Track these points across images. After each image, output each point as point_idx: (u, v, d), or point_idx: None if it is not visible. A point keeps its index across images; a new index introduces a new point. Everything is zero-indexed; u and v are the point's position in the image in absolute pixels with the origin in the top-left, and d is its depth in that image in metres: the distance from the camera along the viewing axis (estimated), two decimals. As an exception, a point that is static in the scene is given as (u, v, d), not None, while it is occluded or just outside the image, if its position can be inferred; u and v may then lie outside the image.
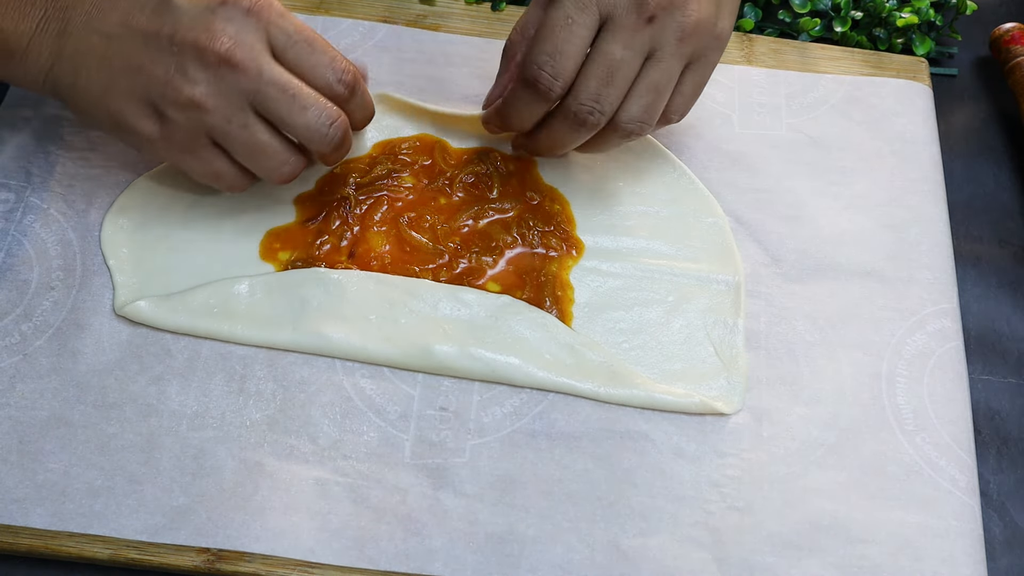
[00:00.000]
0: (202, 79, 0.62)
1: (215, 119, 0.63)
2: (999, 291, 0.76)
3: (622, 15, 0.64)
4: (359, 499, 0.63)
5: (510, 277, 0.71)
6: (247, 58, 0.62)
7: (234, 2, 0.62)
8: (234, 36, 0.61)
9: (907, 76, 0.83)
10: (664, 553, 0.62)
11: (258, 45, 0.62)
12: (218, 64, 0.61)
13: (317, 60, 0.64)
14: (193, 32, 0.61)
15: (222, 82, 0.62)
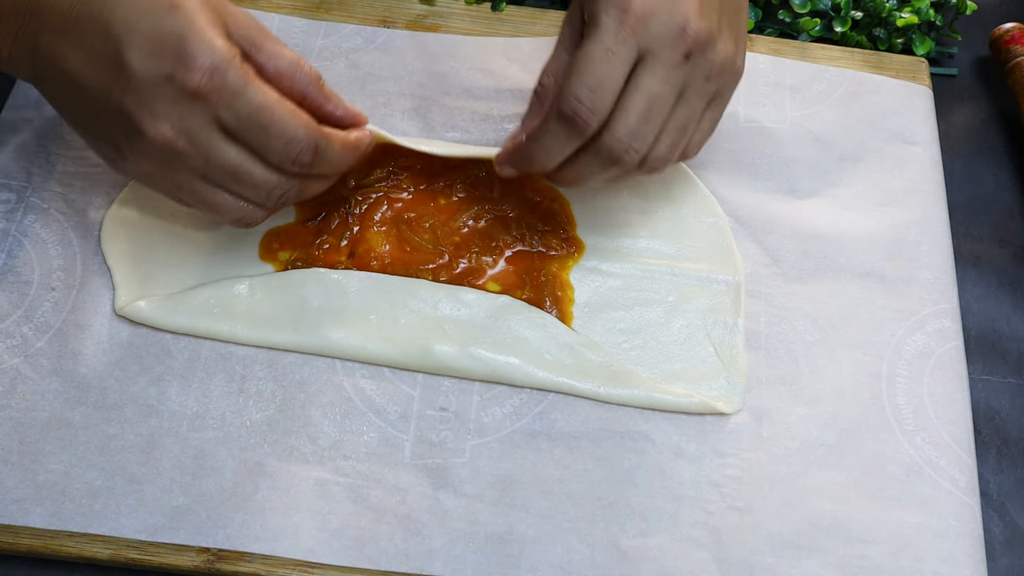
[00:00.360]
0: (147, 156, 0.60)
1: (167, 184, 0.62)
2: (999, 291, 0.76)
3: (661, 51, 0.62)
4: (359, 499, 0.63)
5: (510, 277, 0.71)
6: (190, 147, 0.59)
7: (181, 83, 0.57)
8: (177, 124, 0.58)
9: (907, 76, 0.83)
10: (664, 553, 0.62)
11: (204, 130, 0.59)
12: (161, 150, 0.59)
13: (270, 144, 0.60)
14: (138, 111, 0.58)
15: (168, 162, 0.60)
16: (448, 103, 0.79)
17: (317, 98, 0.62)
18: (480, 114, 0.78)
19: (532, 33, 0.83)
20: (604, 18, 0.62)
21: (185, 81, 0.57)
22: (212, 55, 0.57)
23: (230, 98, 0.58)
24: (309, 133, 0.60)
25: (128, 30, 0.57)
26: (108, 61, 0.58)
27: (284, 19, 0.83)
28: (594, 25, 0.62)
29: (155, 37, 0.57)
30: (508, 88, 0.79)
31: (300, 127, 0.60)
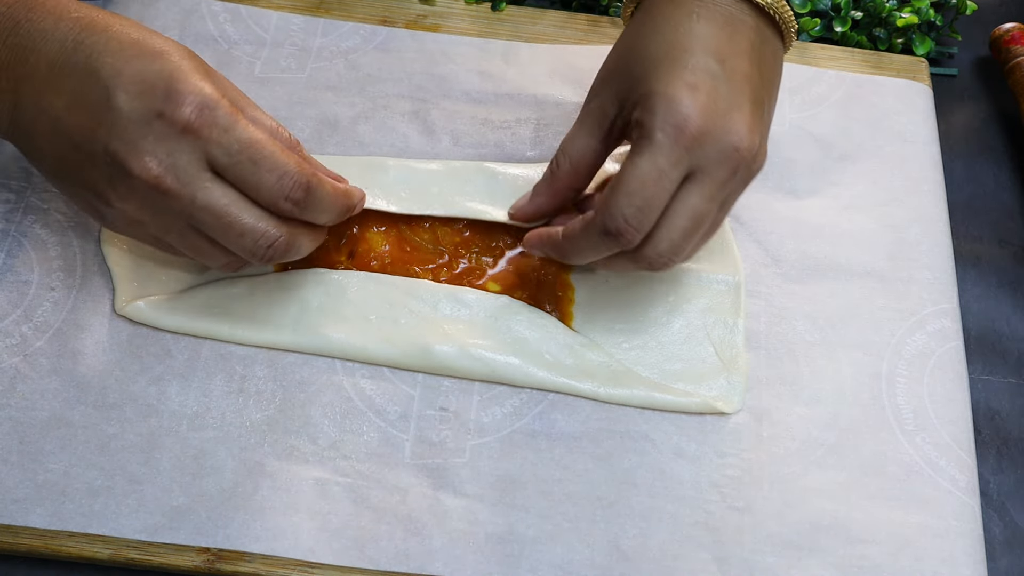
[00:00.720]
0: (134, 198, 0.58)
1: (152, 229, 0.61)
2: (999, 291, 0.76)
3: (712, 170, 0.60)
4: (359, 499, 0.63)
5: (510, 277, 0.71)
6: (177, 185, 0.58)
7: (171, 118, 0.57)
8: (165, 161, 0.57)
9: (907, 76, 0.83)
10: (664, 553, 0.62)
11: (192, 168, 0.58)
12: (147, 189, 0.57)
13: (261, 179, 0.59)
14: (124, 149, 0.57)
15: (154, 204, 0.59)
16: (448, 106, 0.79)
17: (301, 157, 0.63)
18: (479, 119, 0.78)
19: (532, 33, 0.83)
20: (660, 136, 0.59)
21: (175, 116, 0.57)
22: (201, 93, 0.57)
23: (220, 133, 0.58)
24: (301, 169, 0.60)
25: (116, 74, 0.57)
26: (95, 105, 0.57)
27: (283, 16, 0.83)
28: (647, 140, 0.59)
29: (143, 79, 0.57)
30: (507, 92, 0.79)
31: (291, 163, 0.59)
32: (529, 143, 0.77)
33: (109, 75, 0.57)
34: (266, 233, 0.60)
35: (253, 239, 0.60)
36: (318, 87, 0.79)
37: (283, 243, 0.61)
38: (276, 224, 0.61)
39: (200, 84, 0.58)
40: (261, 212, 0.60)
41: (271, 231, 0.60)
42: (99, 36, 0.58)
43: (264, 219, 0.60)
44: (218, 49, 0.80)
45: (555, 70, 0.81)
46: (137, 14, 0.81)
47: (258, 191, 0.59)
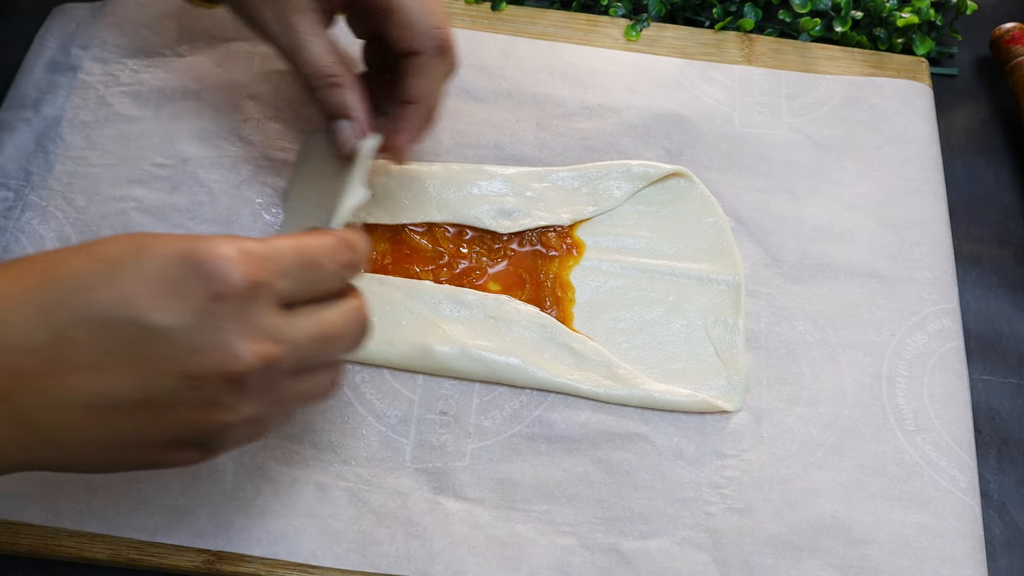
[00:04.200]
0: (243, 397, 0.50)
1: (266, 415, 0.52)
2: (999, 291, 0.76)
3: None
4: (360, 503, 0.63)
5: (510, 277, 0.71)
6: (277, 348, 0.50)
7: (228, 291, 0.48)
8: (252, 333, 0.49)
9: (907, 76, 0.83)
10: (664, 555, 0.62)
11: (274, 318, 0.50)
12: (254, 373, 0.49)
13: (326, 275, 0.54)
14: (207, 358, 0.48)
15: (264, 383, 0.50)
16: (447, 104, 0.78)
17: None
18: (479, 119, 0.78)
19: (532, 33, 0.83)
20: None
21: (231, 286, 0.49)
22: (227, 249, 0.49)
23: (272, 264, 0.51)
24: (338, 235, 0.56)
25: (125, 303, 0.47)
26: (133, 348, 0.47)
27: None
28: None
29: (159, 283, 0.48)
30: (506, 89, 0.79)
31: (328, 237, 0.55)
32: (530, 143, 0.77)
33: (119, 309, 0.47)
34: (355, 316, 0.55)
35: (351, 330, 0.55)
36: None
37: (367, 319, 0.56)
38: (353, 297, 0.56)
39: (210, 243, 0.49)
40: (336, 303, 0.55)
41: (357, 308, 0.55)
42: (53, 283, 0.48)
43: (343, 307, 0.55)
44: (216, 45, 0.80)
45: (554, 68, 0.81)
46: (135, 12, 0.81)
47: (326, 285, 0.54)
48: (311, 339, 0.52)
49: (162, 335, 0.47)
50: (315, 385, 0.55)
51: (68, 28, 0.80)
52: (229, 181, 0.74)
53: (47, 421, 0.48)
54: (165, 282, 0.48)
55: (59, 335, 0.47)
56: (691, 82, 0.81)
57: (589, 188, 0.74)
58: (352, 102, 0.65)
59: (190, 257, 0.48)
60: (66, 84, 0.78)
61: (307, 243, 0.53)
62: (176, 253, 0.48)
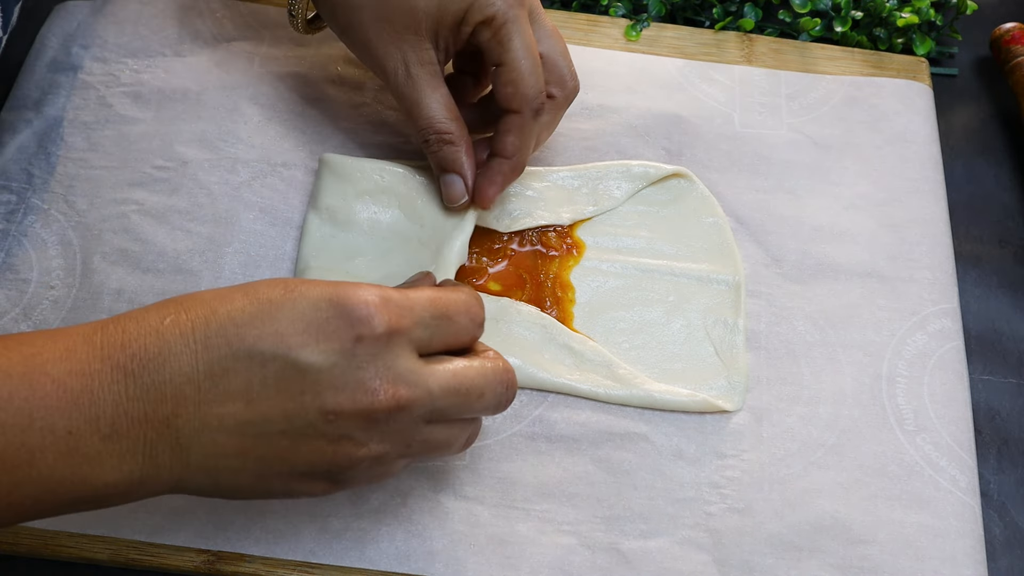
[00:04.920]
0: (374, 435, 0.53)
1: (394, 455, 0.55)
2: (999, 291, 0.76)
3: None
4: (359, 501, 0.63)
5: (510, 277, 0.71)
6: (412, 392, 0.53)
7: (372, 335, 0.52)
8: (389, 376, 0.52)
9: (907, 76, 0.83)
10: (664, 555, 0.62)
11: (411, 364, 0.54)
12: (388, 413, 0.53)
13: (459, 327, 0.56)
14: (345, 396, 0.52)
15: (395, 424, 0.53)
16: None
17: None
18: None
19: (532, 33, 0.83)
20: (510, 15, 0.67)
21: (374, 330, 0.52)
22: (371, 296, 0.53)
23: (410, 314, 0.54)
24: (469, 291, 0.59)
25: (277, 338, 0.51)
26: (283, 383, 0.51)
27: (280, 11, 0.82)
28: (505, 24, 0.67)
29: (307, 323, 0.52)
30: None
31: (463, 291, 0.58)
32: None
33: (271, 346, 0.51)
34: (496, 376, 0.57)
35: (489, 388, 0.57)
36: (315, 83, 0.79)
37: (512, 379, 0.58)
38: (493, 359, 0.58)
39: (356, 289, 0.53)
40: (476, 357, 0.57)
41: (497, 369, 0.57)
42: (213, 320, 0.52)
43: (480, 364, 0.57)
44: (216, 45, 0.80)
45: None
46: (136, 12, 0.81)
47: (460, 338, 0.57)
48: (444, 389, 0.54)
49: (308, 371, 0.51)
50: (449, 437, 0.57)
51: (69, 27, 0.81)
52: (229, 183, 0.74)
53: (200, 445, 0.51)
54: (314, 323, 0.52)
55: (218, 366, 0.51)
56: (691, 82, 0.81)
57: (589, 188, 0.74)
58: (464, 160, 0.69)
59: (337, 301, 0.52)
60: (67, 84, 0.78)
61: (443, 296, 0.56)
62: (325, 297, 0.52)
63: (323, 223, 0.71)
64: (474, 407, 0.56)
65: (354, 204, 0.72)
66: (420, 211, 0.71)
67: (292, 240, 0.72)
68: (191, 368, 0.50)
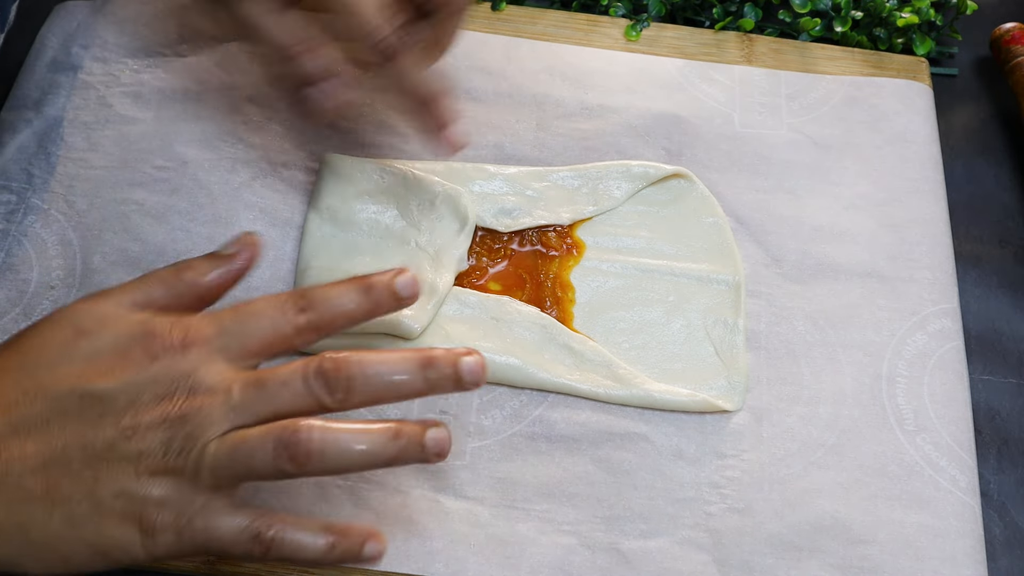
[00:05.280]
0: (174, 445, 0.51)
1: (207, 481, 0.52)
2: (999, 291, 0.76)
3: None
4: (359, 502, 0.63)
5: (510, 277, 0.71)
6: (210, 394, 0.51)
7: (166, 352, 0.52)
8: (186, 384, 0.51)
9: (907, 76, 0.83)
10: (664, 555, 0.62)
11: (212, 369, 0.52)
12: (184, 418, 0.51)
13: (268, 322, 0.54)
14: (141, 408, 0.51)
15: (196, 430, 0.51)
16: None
17: None
18: (479, 120, 0.78)
19: (532, 33, 0.83)
20: None
21: (169, 344, 0.52)
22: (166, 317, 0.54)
23: (208, 325, 0.54)
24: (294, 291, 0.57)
25: (79, 378, 0.51)
26: (82, 411, 0.51)
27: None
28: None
29: (109, 354, 0.52)
30: (506, 90, 0.79)
31: (274, 300, 0.55)
32: (530, 144, 0.77)
33: (68, 385, 0.51)
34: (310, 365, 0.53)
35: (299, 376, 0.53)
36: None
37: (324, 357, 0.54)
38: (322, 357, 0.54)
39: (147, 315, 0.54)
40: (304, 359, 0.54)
41: (309, 362, 0.53)
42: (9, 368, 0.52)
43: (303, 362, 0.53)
44: (216, 45, 0.80)
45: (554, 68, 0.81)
46: (135, 12, 0.81)
47: (276, 331, 0.55)
48: (245, 384, 0.52)
49: (104, 397, 0.51)
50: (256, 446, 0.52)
51: (69, 27, 0.81)
52: (229, 183, 0.74)
53: (6, 492, 0.50)
54: (112, 353, 0.52)
55: (12, 407, 0.51)
56: (691, 82, 0.81)
57: (589, 188, 0.74)
58: (334, 60, 0.66)
59: (132, 332, 0.53)
60: (67, 84, 0.78)
61: (255, 299, 0.55)
62: (123, 331, 0.53)
63: (323, 223, 0.71)
64: (281, 395, 0.52)
65: (354, 204, 0.72)
66: (417, 216, 0.71)
67: (292, 240, 0.72)
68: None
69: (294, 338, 0.55)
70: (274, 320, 0.54)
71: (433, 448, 0.52)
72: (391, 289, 0.55)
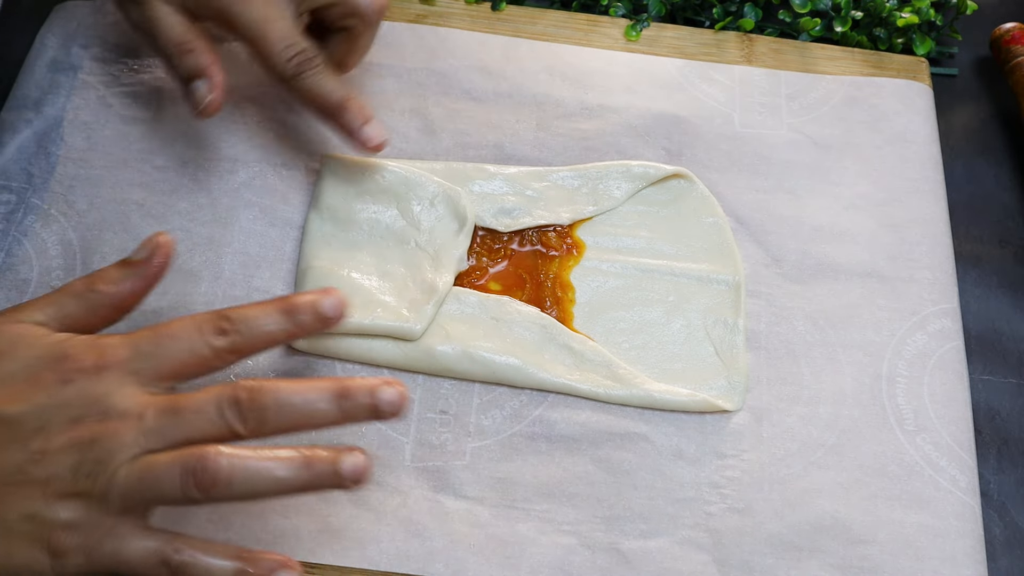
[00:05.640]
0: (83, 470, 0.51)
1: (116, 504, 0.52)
2: (999, 291, 0.76)
3: None
4: (359, 502, 0.63)
5: (510, 277, 0.71)
6: (121, 420, 0.52)
7: (78, 375, 0.52)
8: (98, 408, 0.52)
9: (907, 76, 0.83)
10: (664, 555, 0.62)
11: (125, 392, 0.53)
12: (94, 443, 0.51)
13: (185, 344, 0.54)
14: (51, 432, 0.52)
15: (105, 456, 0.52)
16: (448, 104, 0.79)
17: None
18: (479, 120, 0.78)
19: (532, 33, 0.83)
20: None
21: (81, 367, 0.53)
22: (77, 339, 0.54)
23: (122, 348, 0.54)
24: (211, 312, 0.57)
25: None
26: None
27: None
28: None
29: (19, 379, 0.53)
30: (506, 90, 0.79)
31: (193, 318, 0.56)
32: (530, 144, 0.77)
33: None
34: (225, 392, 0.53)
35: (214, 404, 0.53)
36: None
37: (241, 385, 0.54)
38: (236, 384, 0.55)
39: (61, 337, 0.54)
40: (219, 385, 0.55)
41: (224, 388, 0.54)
42: None
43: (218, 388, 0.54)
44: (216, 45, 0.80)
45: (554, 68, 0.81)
46: (136, 13, 0.81)
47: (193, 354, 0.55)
48: (158, 410, 0.52)
49: (13, 422, 0.51)
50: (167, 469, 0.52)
51: (69, 27, 0.80)
52: (229, 183, 0.74)
53: None
54: (21, 378, 0.52)
55: None
56: (691, 82, 0.81)
57: (589, 188, 0.75)
58: (207, 63, 0.68)
59: (42, 354, 0.53)
60: (67, 84, 0.78)
61: (172, 321, 0.55)
62: (34, 354, 0.53)
63: (324, 222, 0.71)
64: (194, 423, 0.52)
65: (354, 204, 0.72)
66: (417, 216, 0.71)
67: (292, 240, 0.72)
68: None
69: (213, 360, 0.55)
70: (192, 342, 0.54)
71: (350, 475, 0.52)
72: (315, 310, 0.56)
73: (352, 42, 0.72)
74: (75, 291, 0.57)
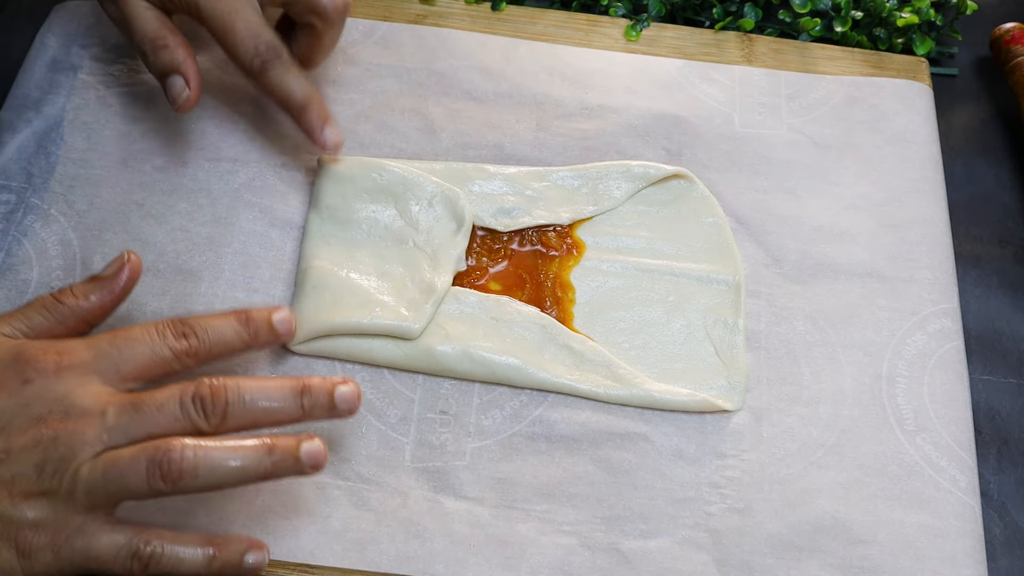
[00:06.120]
0: (47, 468, 0.52)
1: (81, 501, 0.53)
2: (999, 291, 0.76)
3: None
4: (360, 502, 0.63)
5: (510, 277, 0.71)
6: (83, 417, 0.53)
7: (38, 375, 0.53)
8: (60, 406, 0.53)
9: (907, 76, 0.83)
10: (664, 555, 0.62)
11: (87, 391, 0.54)
12: (57, 440, 0.52)
13: (144, 346, 0.56)
14: (12, 431, 0.52)
15: (68, 453, 0.52)
16: (448, 104, 0.79)
17: None
18: (479, 120, 0.78)
19: (532, 33, 0.83)
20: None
21: (41, 368, 0.54)
22: (40, 342, 0.55)
23: (84, 349, 0.55)
24: (169, 322, 0.58)
25: None
26: None
27: (281, 14, 0.83)
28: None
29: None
30: (506, 91, 0.79)
31: (154, 328, 0.57)
32: (530, 144, 0.77)
33: None
34: (185, 390, 0.55)
35: (175, 400, 0.54)
36: (317, 82, 0.79)
37: (207, 382, 0.56)
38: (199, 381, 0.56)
39: (23, 342, 0.56)
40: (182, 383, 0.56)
41: (187, 386, 0.55)
42: None
43: (180, 385, 0.55)
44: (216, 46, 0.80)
45: (554, 68, 0.81)
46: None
47: (155, 355, 0.56)
48: (119, 408, 0.53)
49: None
50: (131, 463, 0.53)
51: (69, 27, 0.80)
52: (229, 183, 0.74)
53: None
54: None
55: None
56: (691, 82, 0.81)
57: (589, 188, 0.75)
58: (181, 58, 0.69)
59: (4, 357, 0.54)
60: (67, 84, 0.78)
61: (132, 326, 0.57)
62: None
63: (324, 222, 0.71)
64: (157, 419, 0.53)
65: (354, 203, 0.72)
66: (415, 216, 0.71)
67: (292, 240, 0.72)
68: None
69: (173, 363, 0.56)
70: (152, 345, 0.56)
71: (308, 461, 0.54)
72: (268, 323, 0.59)
73: (315, 40, 0.72)
74: (43, 304, 0.59)
